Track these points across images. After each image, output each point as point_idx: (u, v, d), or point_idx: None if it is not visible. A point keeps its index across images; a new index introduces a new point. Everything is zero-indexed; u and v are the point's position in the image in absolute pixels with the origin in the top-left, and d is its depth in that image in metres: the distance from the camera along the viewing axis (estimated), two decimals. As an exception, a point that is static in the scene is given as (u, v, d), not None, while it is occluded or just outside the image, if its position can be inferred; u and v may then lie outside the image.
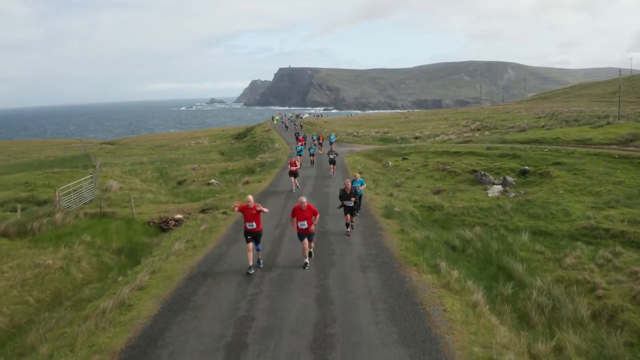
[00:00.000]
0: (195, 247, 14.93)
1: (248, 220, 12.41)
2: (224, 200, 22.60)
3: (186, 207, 23.39)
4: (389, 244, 14.55)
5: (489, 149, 35.51)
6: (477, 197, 26.51)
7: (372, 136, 66.01)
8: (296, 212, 12.68)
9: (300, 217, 12.55)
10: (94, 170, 43.38)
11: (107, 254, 18.92)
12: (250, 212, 12.38)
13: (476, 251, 17.06)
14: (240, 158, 60.93)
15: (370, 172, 32.72)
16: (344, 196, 15.60)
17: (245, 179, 29.81)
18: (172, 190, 34.76)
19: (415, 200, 24.48)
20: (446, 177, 31.73)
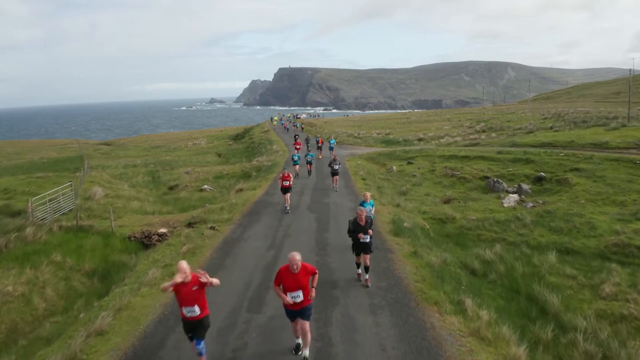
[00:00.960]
0: (173, 274, 12.59)
1: (185, 304, 7.47)
2: (213, 212, 20.35)
3: (172, 220, 21.14)
4: (402, 272, 12.30)
5: (500, 153, 33.26)
6: (492, 207, 24.27)
7: (374, 138, 63.74)
8: (283, 277, 7.81)
9: (291, 284, 7.78)
10: (85, 173, 41.13)
11: (78, 276, 16.67)
12: (187, 289, 7.42)
13: (500, 276, 14.81)
14: (237, 160, 58.78)
15: (374, 177, 30.48)
16: (357, 229, 11.30)
17: (238, 185, 27.56)
18: (162, 197, 32.53)
19: (424, 212, 22.25)
20: (455, 183, 29.48)
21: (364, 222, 11.31)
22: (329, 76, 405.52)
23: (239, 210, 20.51)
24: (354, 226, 11.35)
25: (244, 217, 19.17)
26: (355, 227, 11.33)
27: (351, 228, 11.39)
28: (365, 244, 11.38)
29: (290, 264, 7.75)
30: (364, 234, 11.24)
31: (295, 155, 29.18)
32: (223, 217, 19.20)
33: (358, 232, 11.25)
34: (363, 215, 11.32)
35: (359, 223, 11.32)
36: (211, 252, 14.50)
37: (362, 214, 11.32)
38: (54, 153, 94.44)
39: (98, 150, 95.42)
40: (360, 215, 11.31)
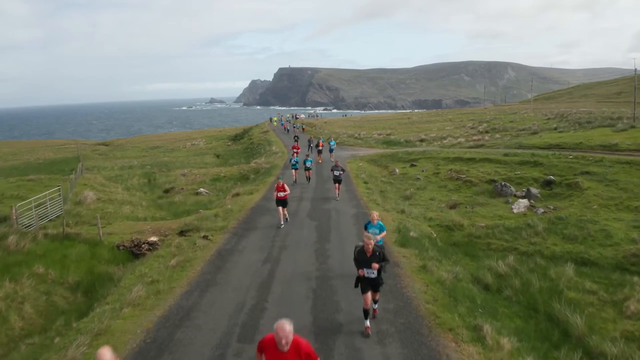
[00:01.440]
0: (159, 292, 11.52)
1: None
2: (206, 219, 19.20)
3: (163, 227, 19.99)
4: (411, 291, 11.16)
5: (506, 155, 32.11)
6: (501, 212, 23.13)
7: (375, 138, 62.65)
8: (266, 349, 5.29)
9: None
10: (78, 175, 39.99)
11: (61, 291, 15.51)
12: None
13: (515, 292, 13.67)
14: (236, 162, 57.75)
15: (376, 181, 29.35)
16: (363, 260, 8.89)
17: (235, 190, 26.41)
18: (156, 200, 31.39)
19: (430, 218, 21.09)
20: (461, 187, 28.34)
21: (370, 253, 8.82)
22: (329, 76, 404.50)
23: (234, 217, 19.38)
24: (358, 256, 8.99)
25: (239, 225, 18.03)
26: (360, 256, 8.92)
27: (356, 257, 9.05)
28: (373, 281, 8.89)
29: (277, 337, 5.06)
30: (368, 268, 8.78)
31: (293, 159, 27.60)
32: (217, 224, 18.07)
33: (363, 264, 8.84)
34: (371, 245, 8.82)
35: (363, 253, 8.88)
36: (202, 266, 13.34)
37: (369, 244, 8.80)
38: (51, 154, 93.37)
39: (96, 150, 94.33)
40: (367, 244, 8.81)
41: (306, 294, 10.93)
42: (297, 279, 11.95)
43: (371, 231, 11.59)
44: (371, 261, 8.78)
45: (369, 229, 11.90)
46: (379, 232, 11.79)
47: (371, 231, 11.59)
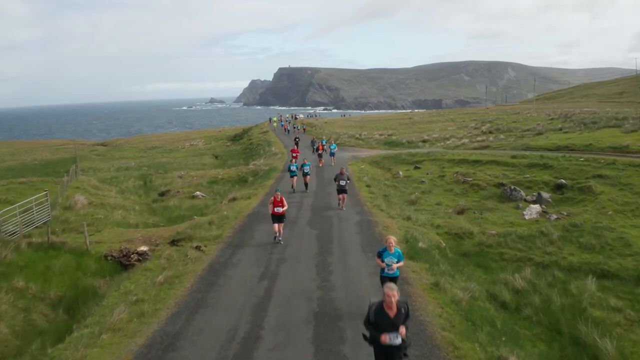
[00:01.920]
0: (143, 315, 10.34)
1: None
2: (200, 227, 18.02)
3: (154, 236, 18.80)
4: (424, 315, 9.97)
5: (514, 157, 30.93)
6: (512, 219, 21.94)
7: (376, 139, 61.46)
8: None
9: None
10: (71, 178, 38.84)
11: (41, 307, 14.33)
12: None
13: (536, 311, 12.48)
14: (235, 163, 56.66)
15: (379, 184, 28.17)
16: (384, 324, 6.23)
17: (232, 194, 25.20)
18: (151, 204, 30.21)
19: (438, 225, 19.90)
20: (468, 191, 27.14)
21: (394, 311, 6.20)
22: (328, 76, 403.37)
23: (229, 225, 18.20)
24: (376, 318, 6.21)
25: (235, 234, 16.86)
26: (380, 320, 6.19)
27: (372, 320, 6.25)
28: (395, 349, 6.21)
29: None
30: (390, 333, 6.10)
31: (292, 165, 25.55)
32: (211, 233, 16.89)
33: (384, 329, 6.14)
34: (394, 301, 6.17)
35: (385, 312, 6.19)
36: (192, 283, 12.15)
37: (391, 297, 6.15)
38: (49, 154, 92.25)
39: (94, 151, 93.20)
40: (387, 301, 6.16)
41: (307, 318, 9.76)
42: (297, 299, 10.78)
43: (388, 260, 9.61)
44: (396, 323, 6.15)
45: (384, 257, 9.60)
46: (396, 261, 9.68)
47: (388, 260, 9.61)
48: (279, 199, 15.53)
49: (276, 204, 15.41)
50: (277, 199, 15.54)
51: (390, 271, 9.69)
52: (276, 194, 15.78)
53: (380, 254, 9.79)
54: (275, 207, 15.39)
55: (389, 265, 9.62)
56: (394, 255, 9.67)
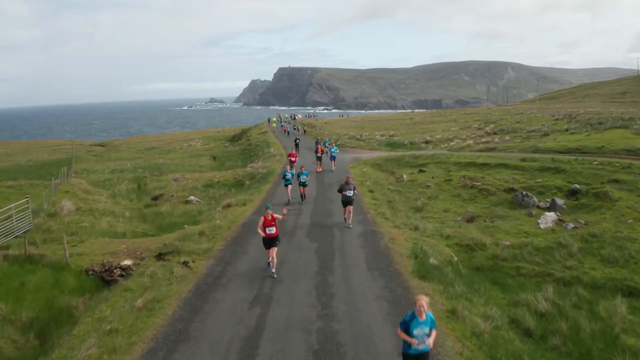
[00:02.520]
0: (114, 351, 8.88)
1: None
2: (190, 238, 16.55)
3: (141, 247, 17.34)
4: (443, 354, 8.50)
5: (524, 160, 29.47)
6: (526, 228, 20.48)
7: (378, 140, 60.01)
8: None
9: None
10: (62, 181, 37.40)
11: (11, 331, 12.84)
12: None
13: (563, 339, 11.02)
14: (233, 164, 55.26)
15: (383, 189, 26.70)
16: None
17: (226, 200, 23.70)
18: (142, 210, 28.74)
19: (448, 236, 18.44)
20: (477, 196, 25.68)
21: None
22: (328, 76, 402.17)
23: (222, 236, 16.74)
24: None
25: (226, 248, 15.39)
26: None
27: None
28: None
29: None
30: None
31: (287, 172, 22.39)
32: (201, 246, 15.43)
33: None
34: None
35: None
36: (175, 309, 10.69)
37: None
38: (45, 155, 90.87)
39: (91, 152, 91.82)
40: None
41: (304, 359, 8.30)
42: (293, 331, 9.31)
43: (417, 332, 6.78)
44: None
45: (413, 328, 6.77)
46: (428, 330, 6.89)
47: (417, 332, 6.78)
48: (270, 219, 12.82)
49: (267, 224, 12.75)
50: (268, 217, 12.84)
51: (421, 345, 6.83)
52: (267, 213, 13.00)
53: (405, 325, 6.82)
54: (267, 227, 12.73)
55: (421, 338, 6.79)
56: (426, 323, 6.85)
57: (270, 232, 12.75)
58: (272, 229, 12.75)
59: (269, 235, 12.75)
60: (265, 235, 12.76)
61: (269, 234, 12.76)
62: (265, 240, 12.88)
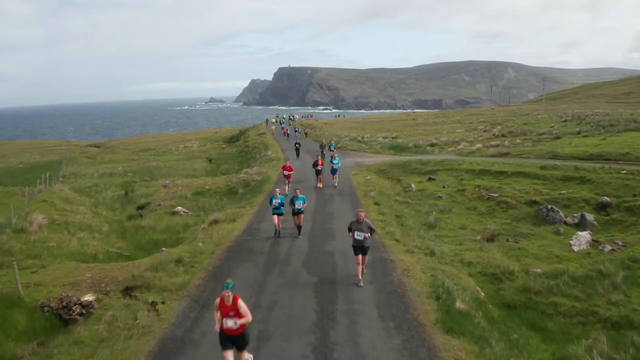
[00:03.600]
0: None
1: None
2: (164, 268, 13.86)
3: (108, 277, 14.68)
4: None
5: (543, 168, 26.80)
6: (556, 250, 17.82)
7: (380, 142, 57.35)
8: None
9: None
10: (40, 189, 34.81)
11: None
12: None
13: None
14: (229, 167, 52.86)
15: (389, 200, 24.04)
16: None
17: (214, 214, 20.96)
18: (123, 223, 26.07)
19: (469, 263, 15.78)
20: (495, 210, 22.99)
21: None
22: (328, 76, 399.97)
23: (202, 264, 14.08)
24: None
25: (206, 282, 12.73)
26: None
27: None
28: None
29: None
30: None
31: (276, 198, 16.71)
32: (176, 280, 12.78)
33: None
34: None
35: None
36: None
37: None
38: (38, 156, 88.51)
39: (85, 153, 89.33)
40: None
41: None
42: None
43: None
44: None
45: None
46: None
47: None
48: (229, 303, 7.67)
49: (225, 312, 7.67)
50: (227, 302, 7.67)
51: None
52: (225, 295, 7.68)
53: None
54: (224, 317, 7.67)
55: None
56: None
57: (229, 327, 7.62)
58: (233, 322, 7.59)
59: (228, 332, 7.70)
60: (224, 331, 7.73)
61: (229, 330, 7.67)
62: (222, 337, 7.80)
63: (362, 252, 12.27)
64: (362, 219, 12.35)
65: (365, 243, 12.22)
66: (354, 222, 12.49)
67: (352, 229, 12.43)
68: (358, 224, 12.32)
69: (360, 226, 12.27)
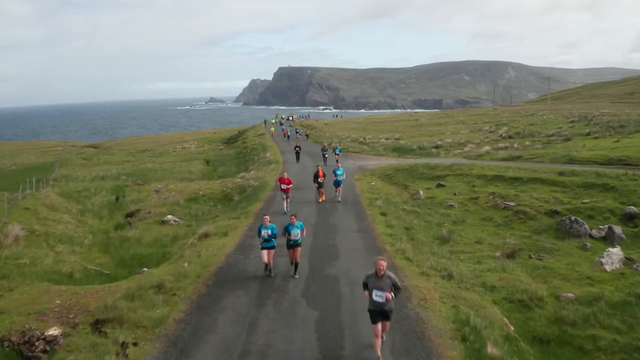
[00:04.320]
0: None
1: None
2: (142, 296, 11.95)
3: (78, 305, 12.76)
4: None
5: (562, 174, 24.89)
6: (585, 269, 15.91)
7: (383, 144, 55.44)
8: None
9: None
10: (24, 195, 32.96)
11: None
12: None
13: None
14: (226, 170, 51.04)
15: (397, 209, 22.13)
16: None
17: (204, 228, 18.94)
18: (108, 234, 24.15)
19: (492, 287, 13.84)
20: (512, 221, 21.08)
21: None
22: (328, 75, 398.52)
23: (185, 292, 12.17)
24: None
25: (188, 316, 10.82)
26: None
27: None
28: None
29: None
30: None
31: (265, 229, 13.13)
32: (153, 313, 10.88)
33: None
34: None
35: None
36: None
37: None
38: (33, 157, 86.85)
39: (81, 154, 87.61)
40: None
41: None
42: None
43: None
44: None
45: None
46: None
47: None
48: None
49: None
50: None
51: None
52: None
53: None
54: None
55: None
56: None
57: None
58: None
59: None
60: None
61: None
62: None
63: (382, 318, 8.87)
64: (382, 272, 8.80)
65: (385, 307, 8.78)
66: (372, 277, 8.92)
67: (368, 285, 8.95)
68: (377, 280, 8.81)
69: (380, 283, 8.77)
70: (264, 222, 13.28)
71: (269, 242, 13.11)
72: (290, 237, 13.00)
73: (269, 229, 13.09)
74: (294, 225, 13.06)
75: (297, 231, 13.00)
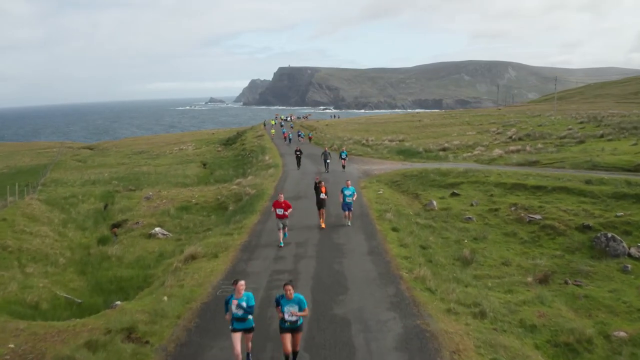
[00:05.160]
0: None
1: None
2: (106, 348, 9.69)
3: (32, 354, 10.48)
4: None
5: (589, 182, 22.58)
6: (631, 297, 13.60)
7: (387, 146, 53.18)
8: None
9: None
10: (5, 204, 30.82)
11: None
12: None
13: None
14: (223, 174, 48.91)
15: (409, 223, 19.80)
16: None
17: (190, 248, 16.53)
18: (88, 249, 21.87)
19: (532, 326, 11.55)
20: (539, 236, 18.75)
21: None
22: (328, 75, 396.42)
23: (160, 339, 9.86)
24: None
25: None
26: None
27: None
28: None
29: None
30: None
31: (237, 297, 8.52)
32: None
33: None
34: None
35: None
36: None
37: None
38: (28, 159, 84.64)
39: (76, 155, 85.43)
40: None
41: None
42: None
43: None
44: None
45: None
46: None
47: None
48: None
49: None
50: None
51: None
52: None
53: None
54: None
55: None
56: None
57: None
58: None
59: None
60: None
61: None
62: None
63: None
64: None
65: None
66: None
67: None
68: None
69: None
70: (237, 290, 8.52)
71: (243, 321, 8.49)
72: (284, 317, 8.38)
73: (243, 299, 8.43)
74: (290, 300, 8.41)
75: (293, 308, 8.37)
